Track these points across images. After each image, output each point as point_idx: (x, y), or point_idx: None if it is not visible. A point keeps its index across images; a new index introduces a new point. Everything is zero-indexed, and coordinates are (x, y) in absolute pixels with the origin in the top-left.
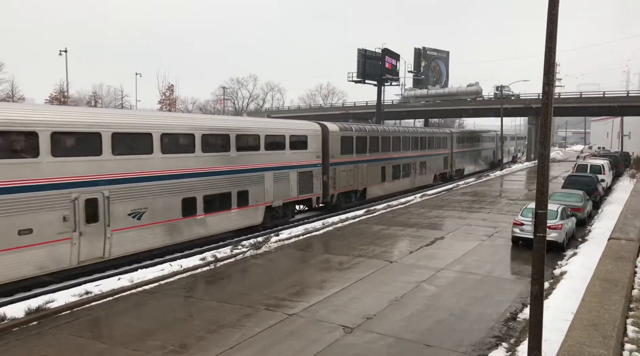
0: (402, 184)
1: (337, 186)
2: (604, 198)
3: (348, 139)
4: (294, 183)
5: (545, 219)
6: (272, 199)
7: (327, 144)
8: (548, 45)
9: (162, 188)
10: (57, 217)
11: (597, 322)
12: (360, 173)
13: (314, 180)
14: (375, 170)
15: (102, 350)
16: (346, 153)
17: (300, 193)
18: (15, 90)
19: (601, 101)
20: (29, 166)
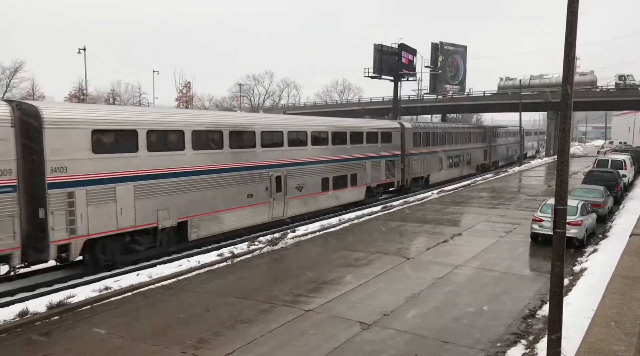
0: (454, 172)
1: (410, 172)
2: (626, 193)
3: (417, 134)
4: (383, 169)
5: (565, 215)
6: (370, 182)
7: (404, 138)
8: (568, 39)
9: (312, 170)
10: (264, 187)
11: (619, 319)
12: (426, 162)
13: (396, 167)
14: (435, 160)
15: (121, 345)
16: (416, 146)
17: (387, 177)
18: (35, 88)
19: (623, 95)
20: (252, 154)
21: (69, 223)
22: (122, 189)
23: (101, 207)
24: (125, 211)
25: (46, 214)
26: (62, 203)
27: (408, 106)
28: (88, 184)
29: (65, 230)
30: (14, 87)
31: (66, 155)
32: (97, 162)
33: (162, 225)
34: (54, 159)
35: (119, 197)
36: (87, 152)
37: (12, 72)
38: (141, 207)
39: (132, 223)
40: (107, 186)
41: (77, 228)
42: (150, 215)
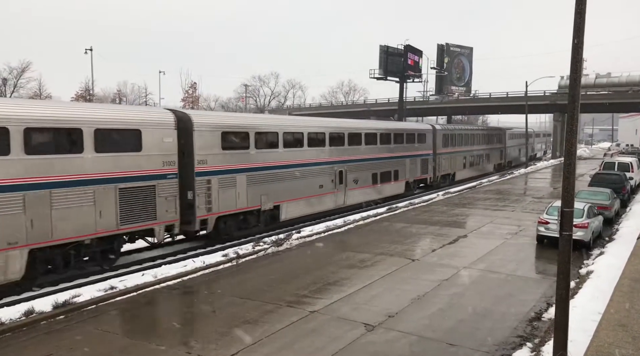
0: (475, 170)
1: (440, 170)
2: (632, 196)
3: (446, 136)
4: (418, 166)
5: (572, 218)
6: (408, 177)
7: (435, 139)
8: (575, 41)
9: (365, 166)
10: (330, 179)
11: (626, 322)
12: (453, 161)
13: (429, 165)
14: (460, 159)
15: (126, 344)
16: (445, 146)
17: (421, 173)
18: (42, 88)
19: (630, 97)
20: (322, 151)
21: (207, 203)
22: (239, 178)
23: (226, 192)
24: (240, 196)
25: (194, 195)
26: (203, 187)
27: (414, 107)
28: (218, 174)
29: (205, 209)
30: (21, 87)
31: (206, 151)
32: (224, 156)
33: (264, 208)
34: (199, 154)
35: (238, 184)
36: (218, 149)
37: (19, 72)
38: (251, 193)
39: (245, 205)
40: (230, 175)
41: (212, 207)
42: (256, 199)
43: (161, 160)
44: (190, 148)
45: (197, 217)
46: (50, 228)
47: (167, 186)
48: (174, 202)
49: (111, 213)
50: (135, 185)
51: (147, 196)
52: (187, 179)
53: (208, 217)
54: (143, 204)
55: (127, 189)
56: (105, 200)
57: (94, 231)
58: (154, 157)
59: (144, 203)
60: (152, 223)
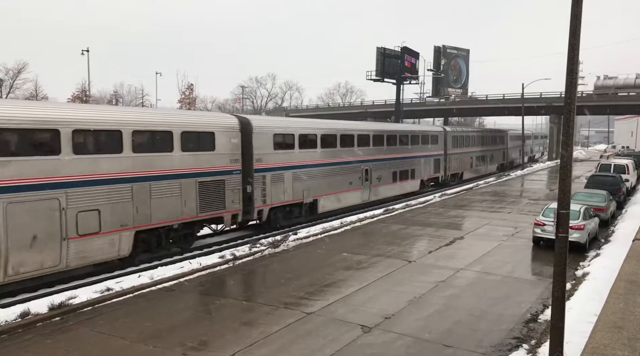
0: (481, 169)
1: (449, 169)
2: (628, 198)
3: (455, 137)
4: (432, 166)
5: (568, 220)
6: (423, 176)
7: (446, 141)
8: (571, 43)
9: (387, 165)
10: (358, 177)
11: (622, 324)
12: (461, 161)
13: (440, 165)
14: (468, 159)
15: (122, 346)
16: (454, 147)
17: (434, 172)
18: (38, 89)
19: (626, 99)
20: (352, 151)
21: (262, 196)
22: (287, 174)
23: (276, 186)
24: (287, 190)
25: (252, 189)
26: (260, 182)
27: (411, 109)
28: (271, 171)
29: (261, 201)
30: (17, 88)
31: (261, 151)
32: (275, 155)
33: (305, 201)
34: (257, 153)
35: (285, 180)
36: (270, 149)
37: (15, 73)
38: (295, 188)
39: (291, 198)
40: (279, 172)
41: (266, 200)
42: (299, 193)
43: (229, 158)
44: (249, 148)
45: (255, 208)
46: (150, 213)
47: (233, 180)
48: (238, 194)
49: (192, 202)
50: (210, 179)
51: (218, 188)
52: (247, 175)
53: (263, 208)
54: (216, 195)
55: (205, 183)
56: (188, 191)
57: (180, 217)
58: (224, 155)
59: (216, 194)
60: (222, 212)
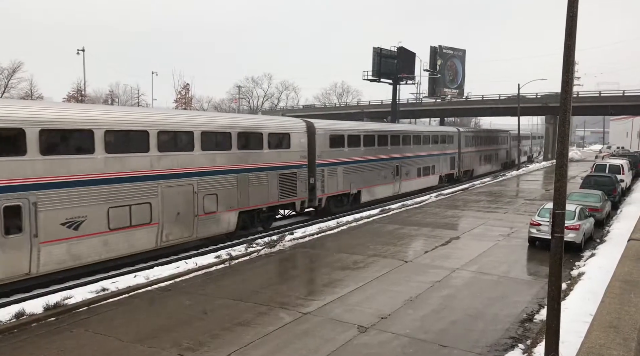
0: (489, 167)
1: (462, 166)
2: (623, 198)
3: (468, 137)
4: (448, 163)
5: (563, 220)
6: (441, 172)
7: (460, 140)
8: (567, 44)
9: (413, 162)
10: (390, 172)
11: (617, 324)
12: (472, 159)
13: (455, 162)
14: (478, 157)
15: (118, 347)
16: (467, 146)
17: (450, 169)
18: (33, 89)
19: (621, 100)
20: (386, 150)
21: (322, 186)
22: (339, 169)
23: (331, 179)
24: (339, 182)
25: (315, 181)
26: (320, 175)
27: (407, 109)
28: (328, 166)
29: (321, 190)
30: (12, 87)
31: (321, 149)
32: (331, 153)
33: (351, 192)
34: (318, 151)
35: (337, 174)
36: (327, 147)
37: (10, 72)
38: (344, 180)
39: (341, 189)
40: (334, 167)
41: (324, 190)
42: (347, 185)
43: (299, 155)
44: (313, 147)
45: (317, 196)
46: (248, 198)
47: (302, 173)
48: (305, 185)
49: (275, 190)
50: (287, 172)
51: (292, 180)
52: (311, 169)
53: (322, 197)
54: (290, 185)
55: (283, 175)
56: (272, 181)
57: (267, 202)
58: (296, 153)
59: (291, 184)
60: (294, 198)
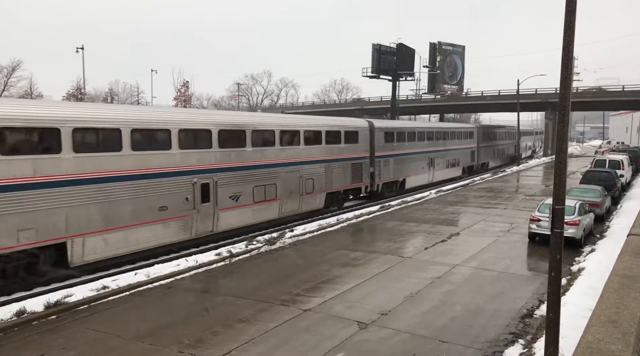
0: (500, 160)
1: (479, 159)
2: (623, 193)
3: (484, 133)
4: (469, 156)
5: (563, 215)
6: (464, 164)
7: (478, 136)
8: (566, 39)
9: (442, 155)
10: (426, 163)
11: (616, 319)
12: (488, 152)
13: (474, 155)
14: (491, 151)
15: (118, 344)
16: (483, 141)
17: (470, 162)
18: (33, 87)
19: (620, 95)
20: (423, 144)
21: (379, 175)
22: (391, 160)
23: (385, 168)
24: (390, 171)
25: (374, 170)
26: (378, 165)
27: (406, 105)
28: (383, 158)
29: (378, 178)
30: (12, 86)
31: (378, 143)
32: (385, 147)
33: (399, 179)
34: (377, 145)
35: (390, 164)
36: (383, 142)
37: (9, 71)
38: (394, 170)
39: (392, 177)
40: (387, 158)
41: (380, 177)
42: (396, 174)
43: (364, 149)
44: (372, 142)
45: (376, 182)
46: (332, 183)
47: (366, 163)
48: (367, 173)
49: (348, 176)
50: (356, 162)
51: (360, 168)
52: (372, 160)
53: (380, 183)
54: (358, 173)
55: (354, 164)
56: (346, 170)
57: (343, 186)
58: (362, 147)
59: (359, 172)
60: (361, 184)
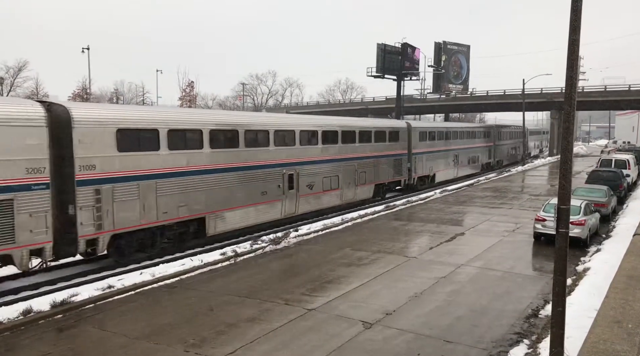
0: (512, 158)
1: (496, 157)
2: (629, 193)
3: (499, 132)
4: (486, 153)
5: (568, 215)
6: (482, 161)
7: (494, 135)
8: (572, 38)
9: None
10: (452, 160)
11: (622, 319)
12: (502, 150)
13: (491, 153)
14: (505, 149)
15: (124, 343)
16: (499, 140)
17: (488, 159)
18: (39, 87)
19: (626, 95)
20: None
21: (414, 169)
22: (424, 157)
23: (420, 164)
24: (423, 167)
25: (410, 165)
26: (414, 161)
27: (411, 105)
28: (418, 154)
29: (414, 172)
30: (18, 86)
31: (414, 142)
32: (420, 144)
33: (430, 174)
34: (413, 143)
35: (423, 160)
36: (418, 141)
37: (16, 71)
38: (427, 165)
39: (425, 172)
40: (421, 155)
41: (416, 172)
42: (427, 170)
43: (403, 146)
44: (410, 140)
45: (412, 176)
46: (379, 176)
47: (404, 159)
48: (405, 168)
49: (391, 171)
50: (398, 158)
51: (400, 164)
52: (409, 156)
53: (415, 177)
54: (398, 168)
55: (396, 160)
56: (390, 165)
57: (387, 179)
58: (402, 144)
59: (398, 167)
60: (401, 177)
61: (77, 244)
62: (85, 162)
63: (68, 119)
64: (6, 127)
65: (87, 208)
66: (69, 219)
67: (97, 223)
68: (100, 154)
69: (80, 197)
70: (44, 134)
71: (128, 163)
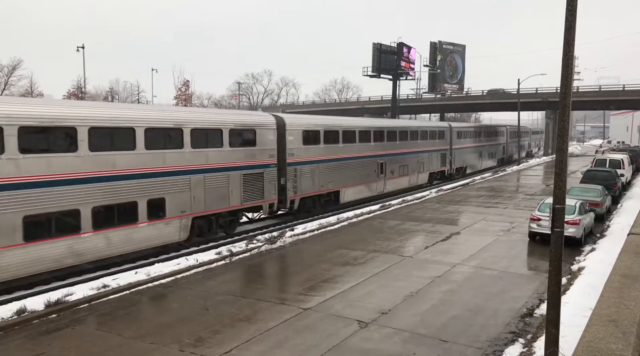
0: (517, 154)
1: (507, 153)
2: (623, 192)
3: (510, 131)
4: (500, 150)
5: (563, 215)
6: (497, 157)
7: (506, 134)
8: (567, 38)
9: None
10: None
11: (617, 318)
12: (511, 148)
13: (503, 149)
14: (514, 146)
15: (119, 343)
16: (509, 138)
17: (501, 155)
18: (33, 86)
19: (621, 95)
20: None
21: (454, 162)
22: (461, 151)
23: (458, 158)
24: (460, 160)
25: (451, 158)
26: (453, 155)
27: (407, 105)
28: (455, 150)
29: (451, 165)
30: (12, 85)
31: (454, 140)
32: (458, 141)
33: (463, 166)
34: (453, 141)
35: (460, 154)
36: (456, 139)
37: (10, 70)
38: (461, 159)
39: (460, 164)
40: (458, 150)
41: (454, 165)
42: (461, 162)
43: (446, 143)
44: (451, 137)
45: (453, 167)
46: (431, 166)
47: (447, 154)
48: (448, 160)
49: (438, 162)
50: (443, 152)
51: (444, 157)
52: (450, 151)
53: (454, 168)
54: (444, 160)
55: (441, 154)
56: (437, 158)
57: (436, 169)
58: (446, 141)
59: (444, 160)
60: (444, 168)
61: (287, 202)
62: (290, 152)
63: (283, 125)
64: (264, 130)
65: (290, 180)
66: (282, 187)
67: (293, 190)
68: (296, 146)
69: (289, 173)
70: (275, 134)
71: (308, 153)
